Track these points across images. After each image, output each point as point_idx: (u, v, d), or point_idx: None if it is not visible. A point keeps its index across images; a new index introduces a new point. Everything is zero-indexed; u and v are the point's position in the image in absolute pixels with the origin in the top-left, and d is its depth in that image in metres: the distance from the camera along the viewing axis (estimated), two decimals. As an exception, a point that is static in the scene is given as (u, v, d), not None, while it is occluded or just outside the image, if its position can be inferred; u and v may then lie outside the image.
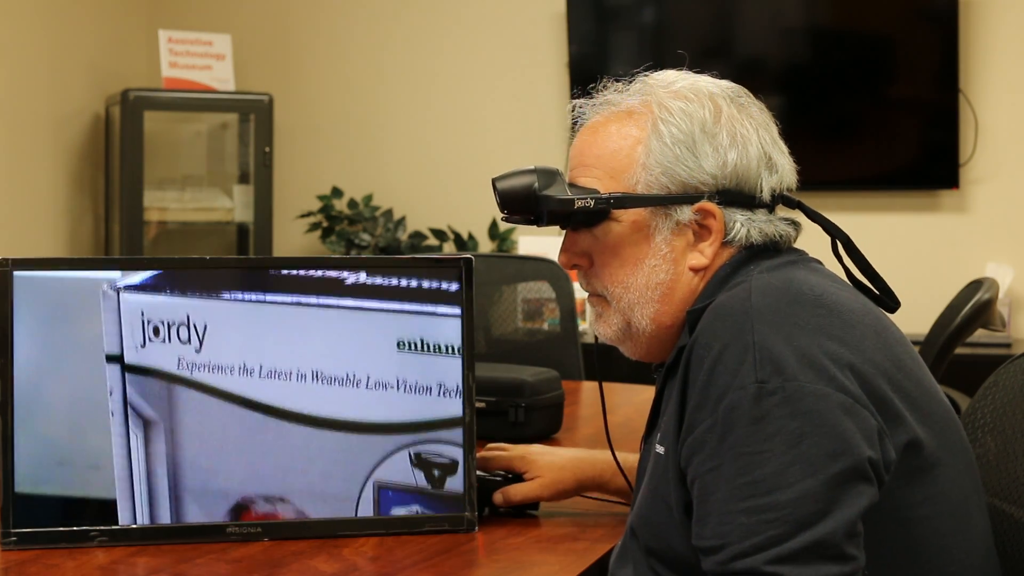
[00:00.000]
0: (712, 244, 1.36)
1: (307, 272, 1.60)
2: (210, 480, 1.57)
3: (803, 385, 1.17)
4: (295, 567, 1.47)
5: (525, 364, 2.43)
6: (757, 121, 1.39)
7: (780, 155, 1.40)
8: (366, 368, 1.60)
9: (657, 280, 1.37)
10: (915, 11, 4.30)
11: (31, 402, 1.55)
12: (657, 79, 1.42)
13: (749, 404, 1.17)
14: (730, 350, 1.20)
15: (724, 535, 1.16)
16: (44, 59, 4.67)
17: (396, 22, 4.96)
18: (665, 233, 1.36)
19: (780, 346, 1.19)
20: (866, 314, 1.29)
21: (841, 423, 1.16)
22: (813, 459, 1.15)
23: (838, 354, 1.20)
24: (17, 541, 1.51)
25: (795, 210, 1.40)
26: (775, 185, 1.38)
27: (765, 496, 1.15)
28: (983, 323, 3.05)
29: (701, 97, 1.38)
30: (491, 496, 1.66)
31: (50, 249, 4.68)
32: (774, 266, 1.34)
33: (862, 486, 1.16)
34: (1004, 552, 1.41)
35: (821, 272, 1.35)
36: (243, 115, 4.86)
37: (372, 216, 4.82)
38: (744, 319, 1.22)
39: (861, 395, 1.19)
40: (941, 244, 4.32)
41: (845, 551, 1.14)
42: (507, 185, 1.42)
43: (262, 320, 1.59)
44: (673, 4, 4.56)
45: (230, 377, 1.58)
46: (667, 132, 1.36)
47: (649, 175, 1.36)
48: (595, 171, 1.39)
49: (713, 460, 1.19)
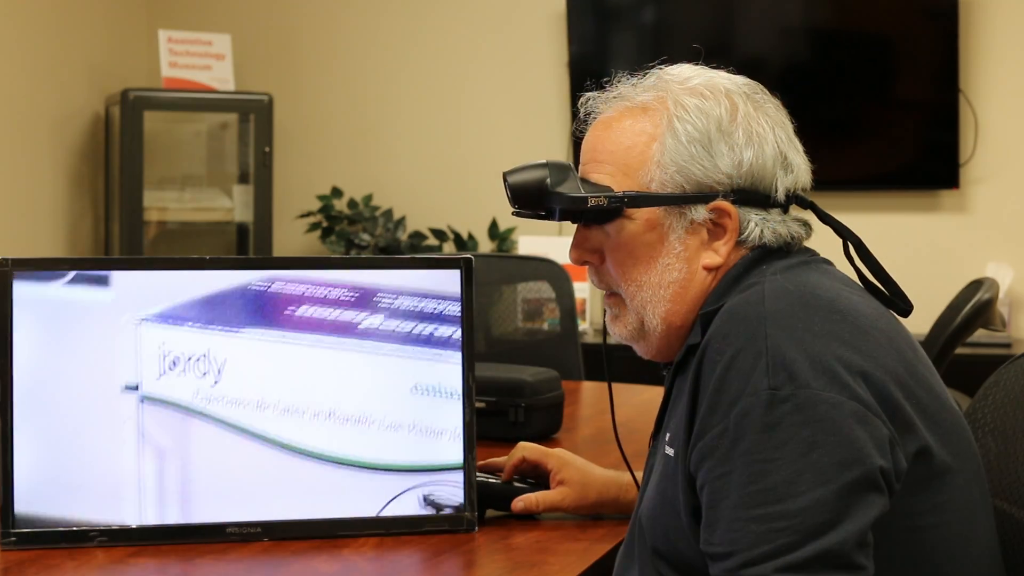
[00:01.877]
0: (727, 243, 1.34)
1: (323, 315, 1.61)
2: (220, 512, 1.57)
3: (816, 393, 1.16)
4: (295, 567, 1.46)
5: (525, 364, 2.42)
6: (773, 119, 1.38)
7: (796, 154, 1.38)
8: (381, 410, 1.61)
9: (670, 279, 1.35)
10: (915, 11, 4.30)
11: (31, 402, 1.54)
12: (672, 74, 1.39)
13: (761, 411, 1.16)
14: (743, 355, 1.19)
15: (733, 542, 1.16)
16: (44, 59, 4.67)
17: (396, 22, 4.95)
18: (679, 232, 1.35)
19: (793, 352, 1.18)
20: (879, 319, 1.28)
21: (853, 432, 1.15)
22: (825, 468, 1.14)
23: (851, 361, 1.19)
24: (17, 541, 1.51)
25: (807, 210, 1.39)
26: (790, 185, 1.36)
27: (776, 504, 1.14)
28: (983, 323, 3.05)
29: (717, 94, 1.36)
30: (496, 498, 1.66)
31: (50, 249, 4.67)
32: (787, 267, 1.32)
33: (873, 496, 1.15)
34: (1005, 552, 1.40)
35: (833, 275, 1.34)
36: (243, 115, 4.85)
37: (372, 216, 4.82)
38: (757, 323, 1.21)
39: (873, 403, 1.18)
40: (941, 244, 4.32)
41: (855, 561, 1.13)
42: (519, 179, 1.40)
43: (280, 356, 1.60)
44: (673, 4, 4.56)
45: (246, 411, 1.59)
46: (682, 130, 1.34)
47: (664, 173, 1.34)
48: (608, 167, 1.37)
49: (724, 466, 1.18)
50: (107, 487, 1.55)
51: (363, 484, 1.59)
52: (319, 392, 1.60)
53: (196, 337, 1.59)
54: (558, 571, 1.47)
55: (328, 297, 1.62)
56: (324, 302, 1.62)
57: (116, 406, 1.57)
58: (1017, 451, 1.43)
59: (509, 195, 1.40)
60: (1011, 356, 1.52)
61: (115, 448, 1.56)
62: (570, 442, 2.16)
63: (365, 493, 1.59)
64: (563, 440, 2.18)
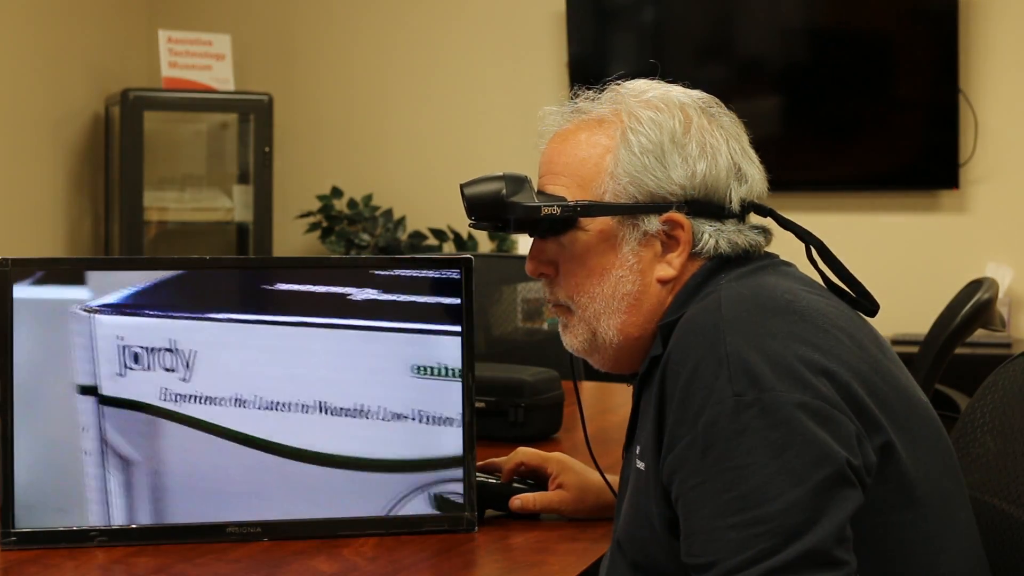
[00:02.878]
0: (680, 255, 1.35)
1: (309, 288, 1.50)
2: (218, 514, 1.50)
3: (780, 395, 1.16)
4: (295, 567, 1.47)
5: (525, 364, 2.43)
6: (727, 131, 1.38)
7: (750, 165, 1.39)
8: (378, 397, 1.53)
9: (624, 291, 1.35)
10: (915, 11, 4.30)
11: (29, 402, 1.53)
12: (628, 88, 1.41)
13: (728, 418, 1.17)
14: (704, 364, 1.20)
15: (715, 552, 1.16)
16: (44, 59, 4.67)
17: (396, 22, 4.96)
18: (632, 244, 1.35)
19: (754, 356, 1.18)
20: (839, 316, 1.28)
21: (820, 430, 1.16)
22: (797, 469, 1.14)
23: (812, 360, 1.19)
24: (17, 541, 1.51)
25: (767, 218, 1.40)
26: (744, 195, 1.37)
27: (752, 509, 1.14)
28: (983, 323, 3.04)
29: (671, 107, 1.37)
30: (495, 498, 1.66)
31: (50, 249, 4.67)
32: (743, 273, 1.33)
33: (847, 491, 1.15)
34: (1004, 552, 1.41)
35: (792, 276, 1.34)
36: (243, 115, 4.86)
37: (372, 216, 4.82)
38: (715, 331, 1.21)
39: (838, 400, 1.18)
40: (941, 244, 4.32)
41: (837, 557, 1.14)
42: (475, 191, 1.42)
43: (259, 343, 1.49)
44: (673, 4, 4.56)
45: (223, 409, 1.48)
46: (636, 141, 1.35)
47: (617, 184, 1.35)
48: (563, 179, 1.38)
49: (696, 477, 1.18)
50: (80, 496, 1.49)
51: (363, 487, 1.55)
52: (307, 382, 1.51)
53: (159, 325, 1.45)
54: (558, 571, 1.47)
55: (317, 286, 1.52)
56: (311, 281, 1.52)
57: (73, 412, 1.46)
58: (1016, 450, 1.44)
59: (466, 206, 1.42)
60: (1010, 356, 1.52)
61: (81, 458, 1.48)
62: (570, 442, 2.16)
63: (367, 497, 1.56)
64: (563, 440, 2.18)
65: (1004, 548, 1.41)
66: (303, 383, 1.53)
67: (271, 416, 1.49)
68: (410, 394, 1.57)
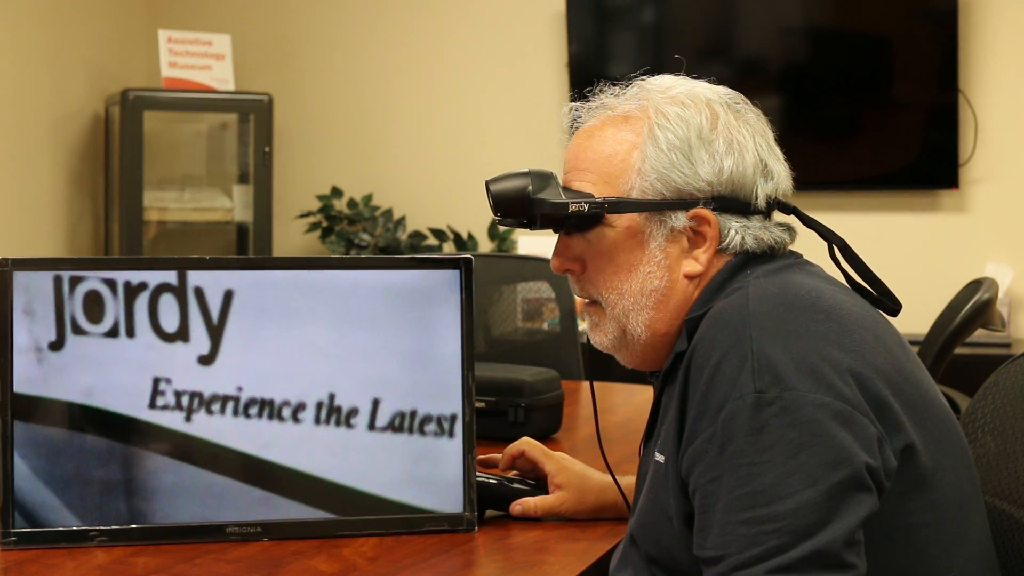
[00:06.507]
0: (707, 251, 1.35)
1: (308, 288, 1.52)
2: (215, 515, 1.52)
3: (801, 395, 1.17)
4: (295, 567, 1.46)
5: (525, 364, 2.43)
6: (754, 128, 1.38)
7: (776, 162, 1.39)
8: (378, 396, 1.55)
9: (651, 287, 1.36)
10: (915, 11, 4.30)
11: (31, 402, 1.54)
12: (654, 84, 1.41)
13: (748, 414, 1.17)
14: (729, 359, 1.20)
15: (725, 546, 1.16)
16: (44, 59, 4.67)
17: (396, 22, 4.96)
18: (659, 239, 1.35)
19: (778, 354, 1.18)
20: (865, 316, 1.28)
21: (840, 432, 1.16)
22: (812, 469, 1.14)
23: (837, 359, 1.20)
24: (17, 541, 1.51)
25: (791, 216, 1.40)
26: (771, 192, 1.37)
27: (765, 507, 1.15)
28: (983, 323, 3.04)
29: (698, 103, 1.37)
30: (495, 498, 1.66)
31: (50, 249, 4.68)
32: (771, 271, 1.33)
33: (862, 495, 1.16)
34: (1004, 552, 1.41)
35: (818, 275, 1.35)
36: (243, 115, 4.86)
37: (372, 216, 4.82)
38: (742, 327, 1.21)
39: (861, 402, 1.18)
40: (941, 244, 4.32)
41: (845, 559, 1.14)
42: (501, 188, 1.41)
43: (258, 344, 1.50)
44: (673, 4, 4.56)
45: (221, 417, 1.50)
46: (663, 138, 1.35)
47: (644, 181, 1.35)
48: (590, 175, 1.38)
49: (713, 471, 1.19)
50: (80, 496, 1.50)
51: (364, 486, 1.57)
52: (307, 382, 1.53)
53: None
54: (558, 571, 1.47)
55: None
56: (311, 282, 1.54)
57: (73, 411, 1.48)
58: (1016, 451, 1.44)
59: (492, 203, 1.41)
60: (1010, 356, 1.52)
61: (81, 458, 1.49)
62: (570, 442, 2.16)
63: (366, 497, 1.57)
64: (563, 440, 2.18)
65: (1004, 548, 1.41)
66: (303, 383, 1.54)
67: (270, 426, 1.52)
68: (410, 394, 1.57)
